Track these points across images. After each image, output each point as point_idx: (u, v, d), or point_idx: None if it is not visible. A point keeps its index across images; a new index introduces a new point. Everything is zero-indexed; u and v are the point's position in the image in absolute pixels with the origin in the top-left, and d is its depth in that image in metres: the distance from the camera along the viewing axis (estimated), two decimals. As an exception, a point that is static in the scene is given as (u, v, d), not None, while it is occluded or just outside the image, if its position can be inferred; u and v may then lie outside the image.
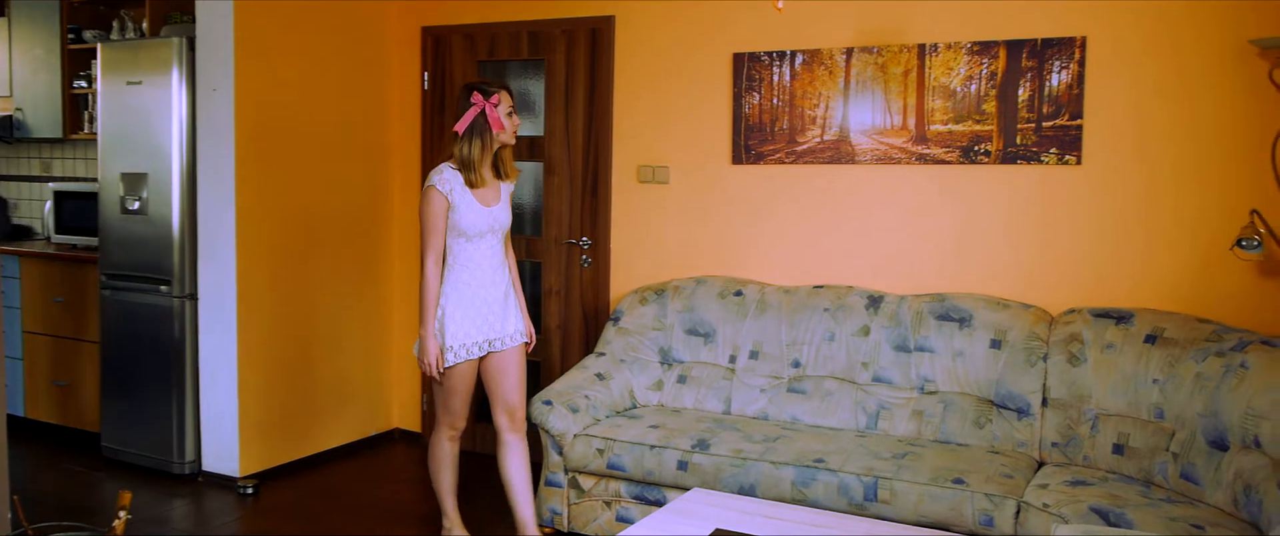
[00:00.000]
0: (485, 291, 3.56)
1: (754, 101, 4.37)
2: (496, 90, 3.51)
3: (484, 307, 3.56)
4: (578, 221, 4.79)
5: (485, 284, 3.57)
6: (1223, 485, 3.01)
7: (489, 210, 3.53)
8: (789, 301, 4.14)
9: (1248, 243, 3.36)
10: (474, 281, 3.54)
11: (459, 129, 3.48)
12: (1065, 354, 3.62)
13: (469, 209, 3.48)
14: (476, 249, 3.54)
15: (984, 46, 3.93)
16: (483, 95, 3.48)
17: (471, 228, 3.49)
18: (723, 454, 3.57)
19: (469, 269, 3.54)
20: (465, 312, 3.52)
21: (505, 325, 3.63)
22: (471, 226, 3.49)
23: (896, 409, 3.84)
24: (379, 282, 5.21)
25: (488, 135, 3.49)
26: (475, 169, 3.48)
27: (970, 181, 4.01)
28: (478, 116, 3.48)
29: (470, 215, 3.49)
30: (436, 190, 3.46)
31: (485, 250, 3.56)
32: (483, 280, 3.56)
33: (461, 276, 3.52)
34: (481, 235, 3.53)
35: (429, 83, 5.11)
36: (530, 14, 4.83)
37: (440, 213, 3.47)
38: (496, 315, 3.60)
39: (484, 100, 3.47)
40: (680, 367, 4.26)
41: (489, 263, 3.57)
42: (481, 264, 3.55)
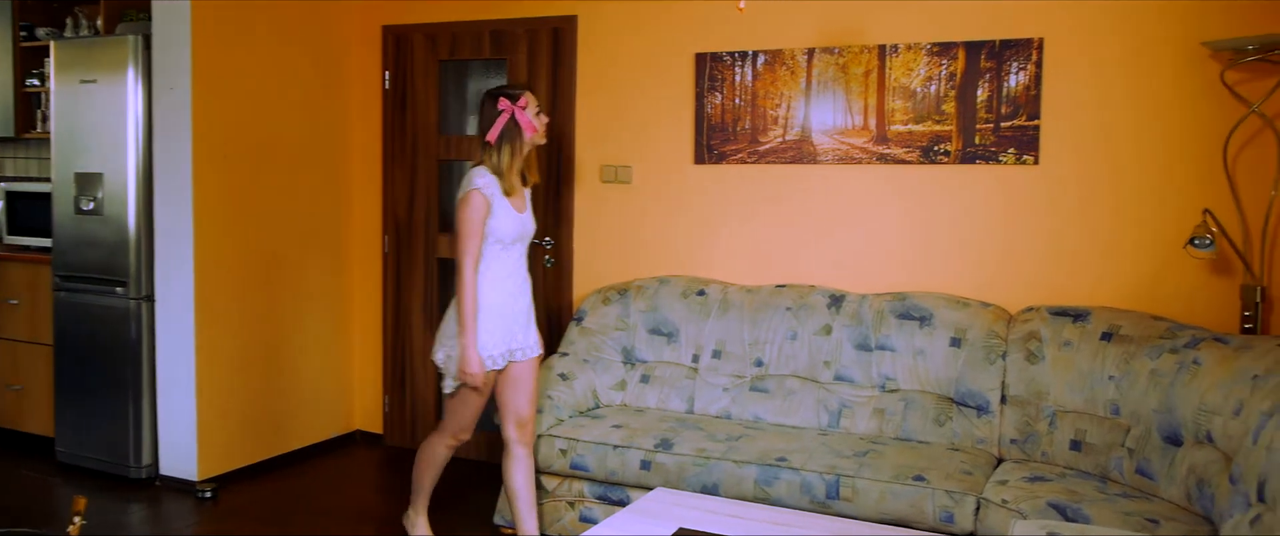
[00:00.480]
0: (514, 301, 3.51)
1: (716, 101, 4.38)
2: (521, 92, 3.47)
3: (511, 317, 3.50)
4: (541, 221, 4.77)
5: (514, 293, 3.51)
6: (1177, 480, 3.06)
7: (520, 217, 3.48)
8: (751, 301, 4.16)
9: (1200, 241, 3.42)
10: (504, 289, 3.47)
11: (491, 138, 3.42)
12: (1024, 351, 3.66)
13: (505, 215, 3.42)
14: (509, 256, 3.48)
15: (943, 47, 3.97)
16: (510, 100, 3.43)
17: (507, 234, 3.43)
18: (686, 453, 3.57)
19: (501, 277, 3.47)
20: (494, 321, 3.44)
21: (527, 335, 3.58)
22: (507, 233, 3.43)
23: (858, 407, 3.86)
24: (340, 283, 5.17)
25: (518, 140, 3.44)
26: (507, 176, 3.42)
27: (930, 181, 4.05)
28: (508, 122, 3.42)
29: (506, 221, 3.42)
30: (481, 194, 3.37)
31: (516, 258, 3.51)
32: (512, 289, 3.50)
33: (494, 284, 3.44)
34: (515, 242, 3.48)
35: (390, 82, 5.08)
36: (492, 13, 4.81)
37: (481, 217, 3.38)
38: (521, 325, 3.55)
39: (511, 105, 3.42)
40: (643, 367, 4.26)
41: (518, 271, 3.53)
42: (512, 272, 3.50)
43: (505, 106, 3.41)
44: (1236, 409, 2.87)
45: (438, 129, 5.00)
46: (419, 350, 5.09)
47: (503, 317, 3.46)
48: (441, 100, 5.01)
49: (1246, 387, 2.88)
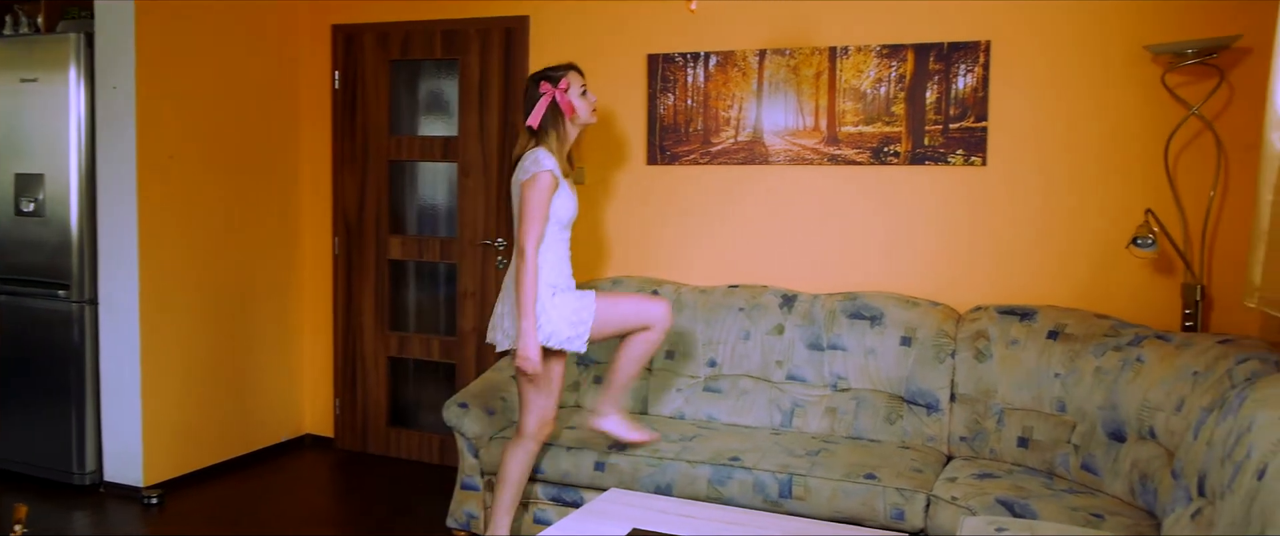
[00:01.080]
0: (571, 282, 3.49)
1: (669, 102, 4.39)
2: (564, 73, 3.42)
3: (573, 300, 3.45)
4: (493, 223, 4.76)
5: (570, 274, 3.49)
6: (1121, 475, 3.12)
7: (573, 196, 3.45)
8: (704, 301, 4.17)
9: (1142, 241, 3.48)
10: (563, 273, 3.44)
11: (533, 123, 3.39)
12: (972, 350, 3.71)
13: (566, 196, 3.40)
14: (565, 238, 3.46)
15: (893, 50, 4.01)
16: (550, 82, 3.39)
17: (567, 216, 3.41)
18: (639, 453, 3.58)
19: (561, 258, 3.44)
20: (563, 303, 3.39)
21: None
22: (567, 215, 3.41)
23: (810, 406, 3.89)
24: (290, 285, 5.11)
25: (562, 124, 3.41)
26: (559, 157, 3.39)
27: (880, 182, 4.09)
28: (550, 106, 3.38)
29: (567, 203, 3.40)
30: (553, 174, 3.32)
31: (567, 240, 3.48)
32: (569, 271, 3.48)
33: (555, 266, 3.41)
34: (569, 223, 3.45)
35: (340, 82, 5.03)
36: (444, 13, 4.78)
37: (547, 198, 3.32)
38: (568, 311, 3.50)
39: (552, 88, 3.38)
40: (596, 369, 4.26)
41: (568, 251, 3.50)
42: (567, 253, 3.47)
43: (546, 90, 3.38)
44: (1178, 405, 2.93)
45: (389, 129, 4.95)
46: (370, 352, 5.04)
47: (563, 301, 3.40)
48: (392, 100, 4.97)
49: (1187, 384, 2.94)
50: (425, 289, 5.07)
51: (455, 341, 4.87)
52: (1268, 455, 2.09)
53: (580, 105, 3.44)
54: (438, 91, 4.95)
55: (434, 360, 4.94)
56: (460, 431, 3.83)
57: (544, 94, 3.38)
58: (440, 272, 4.98)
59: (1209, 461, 2.47)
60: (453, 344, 4.88)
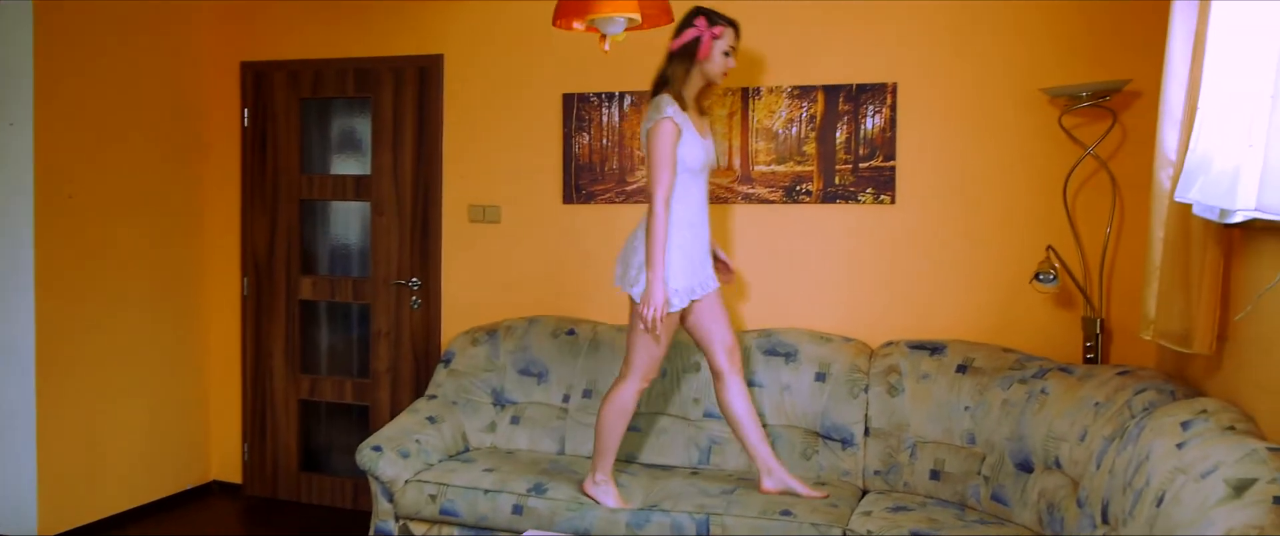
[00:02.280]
0: (702, 231, 3.43)
1: (584, 141, 4.41)
2: (724, 24, 3.37)
3: (700, 249, 3.42)
4: (407, 262, 4.71)
5: (702, 224, 3.42)
6: (1029, 505, 3.19)
7: (704, 142, 3.38)
8: (621, 339, 4.17)
9: (1044, 276, 3.60)
10: (696, 221, 3.39)
11: (674, 47, 3.36)
12: (885, 385, 3.77)
13: (693, 142, 3.32)
14: (696, 185, 3.39)
15: (804, 91, 4.10)
16: (707, 21, 3.34)
17: (696, 161, 3.34)
18: (559, 498, 3.55)
19: (691, 208, 3.37)
20: (688, 254, 3.36)
21: (707, 268, 3.50)
22: (695, 160, 3.33)
23: (728, 443, 3.91)
24: (196, 326, 4.97)
25: (692, 64, 3.36)
26: (682, 94, 3.34)
27: (794, 220, 4.15)
28: (693, 40, 3.33)
29: (694, 148, 3.33)
30: (673, 121, 3.27)
31: (702, 187, 3.42)
32: (701, 220, 3.41)
33: (684, 216, 3.35)
34: (701, 170, 3.38)
35: (249, 119, 4.94)
36: (356, 51, 4.74)
37: (673, 145, 3.27)
38: (706, 257, 3.49)
39: (707, 27, 3.33)
40: (513, 409, 4.23)
41: (704, 201, 3.43)
42: (700, 202, 3.41)
43: (699, 25, 3.33)
44: (1081, 435, 3.02)
45: (300, 168, 4.88)
46: (280, 394, 4.92)
47: (696, 250, 3.39)
48: (304, 138, 4.89)
49: (1090, 414, 3.04)
50: (338, 330, 4.98)
51: (369, 383, 4.78)
52: (1165, 483, 2.16)
53: (717, 58, 3.38)
54: (350, 130, 4.90)
55: (347, 402, 4.84)
56: (374, 475, 3.76)
57: (695, 27, 3.34)
58: (353, 313, 4.91)
59: (1111, 489, 2.55)
60: (366, 385, 4.79)
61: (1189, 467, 2.12)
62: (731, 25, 3.40)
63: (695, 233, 3.41)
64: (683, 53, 3.37)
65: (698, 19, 3.37)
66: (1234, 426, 2.27)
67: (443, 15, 4.60)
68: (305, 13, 4.82)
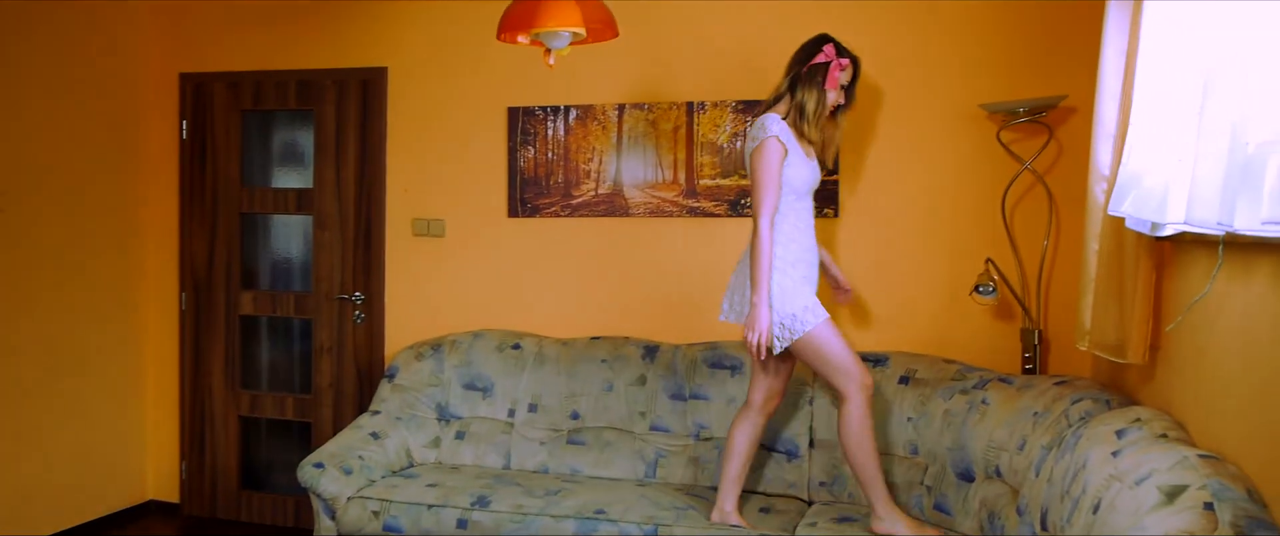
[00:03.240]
0: (813, 254, 3.33)
1: (529, 155, 4.40)
2: (850, 57, 3.30)
3: (813, 271, 3.32)
4: (350, 276, 4.66)
5: (812, 247, 3.32)
6: (971, 514, 3.23)
7: (812, 164, 3.30)
8: (567, 353, 4.16)
9: (984, 288, 3.66)
10: (803, 243, 3.28)
11: (804, 68, 3.27)
12: (828, 397, 3.80)
13: (801, 163, 3.24)
14: (805, 207, 3.30)
15: (747, 105, 4.13)
16: (836, 51, 3.26)
17: (803, 184, 3.25)
18: (503, 510, 3.53)
19: (800, 230, 3.28)
20: (806, 274, 3.27)
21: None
22: (803, 182, 3.25)
23: (674, 456, 3.91)
24: (132, 342, 4.86)
25: (813, 93, 3.25)
26: (811, 122, 3.25)
27: (738, 234, 4.18)
28: (822, 65, 3.25)
29: (802, 170, 3.24)
30: (778, 140, 3.17)
31: (809, 209, 3.33)
32: (810, 242, 3.31)
33: (793, 236, 3.25)
34: (809, 192, 3.31)
35: (188, 132, 4.86)
36: (299, 62, 4.69)
37: (778, 165, 3.17)
38: (816, 279, 3.37)
39: (835, 56, 3.25)
40: (458, 424, 4.19)
41: (811, 222, 3.34)
42: (808, 224, 3.31)
43: (829, 52, 3.26)
44: (1021, 444, 3.07)
45: (240, 181, 4.80)
46: (220, 411, 4.84)
47: (806, 278, 3.28)
48: (244, 151, 4.83)
49: (1028, 424, 3.09)
50: (279, 345, 4.90)
51: (311, 399, 4.72)
52: (1101, 490, 2.21)
53: (834, 91, 3.30)
54: (292, 142, 4.84)
55: (288, 419, 4.77)
56: (316, 492, 3.70)
57: (824, 54, 3.26)
58: (295, 328, 4.84)
59: (1050, 497, 2.59)
60: (308, 402, 4.73)
61: (1124, 475, 2.16)
62: (854, 61, 3.34)
63: (808, 257, 3.32)
64: (800, 81, 3.28)
65: (827, 46, 3.28)
66: (1166, 434, 2.32)
67: (387, 28, 4.57)
68: (246, 24, 4.76)
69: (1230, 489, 1.88)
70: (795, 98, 3.28)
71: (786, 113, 3.29)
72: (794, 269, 3.24)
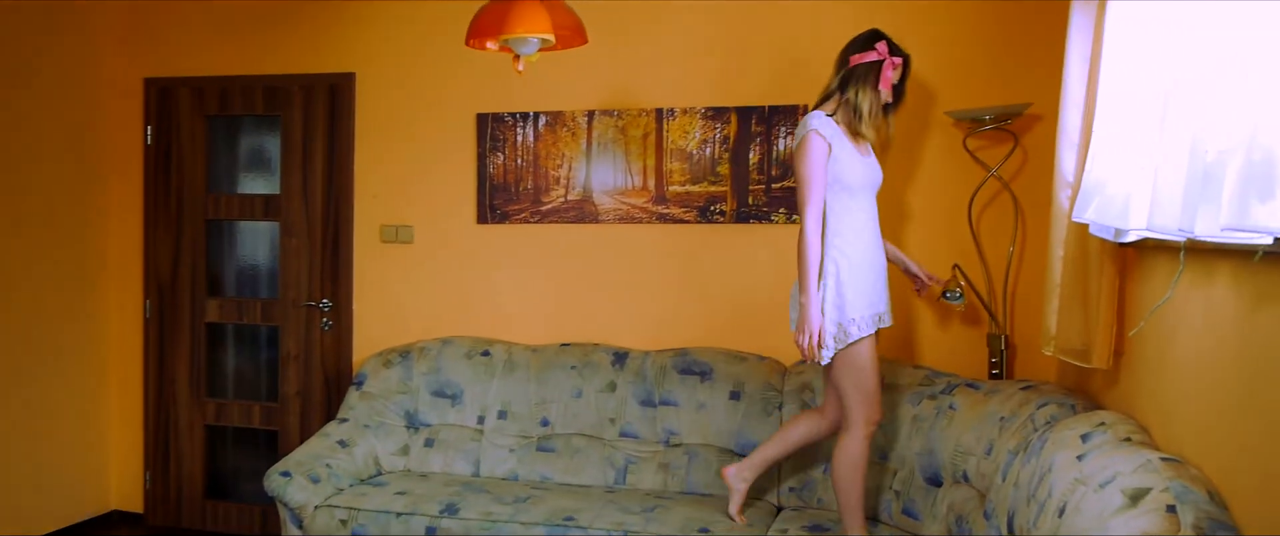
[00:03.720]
0: (874, 255, 3.21)
1: (499, 161, 4.39)
2: (902, 56, 3.21)
3: (874, 273, 3.19)
4: (318, 283, 4.62)
5: (873, 247, 3.20)
6: (938, 518, 3.26)
7: (866, 159, 3.20)
8: (536, 360, 4.15)
9: (951, 294, 3.69)
10: (864, 243, 3.17)
11: (855, 62, 3.15)
12: (798, 402, 3.82)
13: (850, 158, 3.14)
14: (861, 206, 3.18)
15: (717, 112, 4.14)
16: (889, 49, 3.15)
17: (854, 179, 3.14)
18: (472, 517, 3.51)
19: (856, 229, 3.16)
20: (863, 277, 3.13)
21: (886, 299, 3.27)
22: (854, 177, 3.14)
23: (644, 462, 3.91)
24: (95, 351, 4.80)
25: (876, 92, 3.15)
26: (867, 121, 3.15)
27: (708, 240, 4.19)
28: (873, 62, 3.15)
29: (851, 164, 3.13)
30: (819, 135, 3.08)
31: (868, 208, 3.21)
32: (871, 242, 3.19)
33: (850, 237, 3.14)
34: (864, 190, 3.18)
35: (153, 137, 4.81)
36: (265, 68, 4.65)
37: (821, 161, 3.08)
38: (883, 284, 3.24)
39: (887, 55, 3.14)
40: (427, 431, 4.17)
41: (873, 223, 3.22)
42: (867, 224, 3.19)
43: (881, 50, 3.15)
44: (987, 449, 3.09)
45: (206, 187, 4.76)
46: (185, 420, 4.78)
47: (870, 273, 3.16)
48: (210, 157, 4.78)
49: (995, 429, 3.11)
50: (245, 353, 4.86)
51: (277, 407, 4.68)
52: (1066, 494, 2.23)
53: (885, 88, 3.19)
54: (259, 148, 4.80)
55: (255, 427, 4.73)
56: (283, 501, 3.67)
57: (876, 51, 3.16)
58: (262, 335, 4.79)
59: (1016, 501, 2.61)
60: (275, 409, 4.69)
61: (1088, 478, 2.18)
62: (907, 59, 3.26)
63: (869, 255, 3.20)
64: (866, 73, 3.17)
65: (880, 43, 3.18)
66: (1130, 438, 2.35)
67: (354, 33, 4.55)
68: (212, 29, 4.72)
69: (1192, 491, 1.91)
70: (846, 95, 3.18)
71: (834, 110, 3.21)
72: (858, 272, 3.15)
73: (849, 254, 3.14)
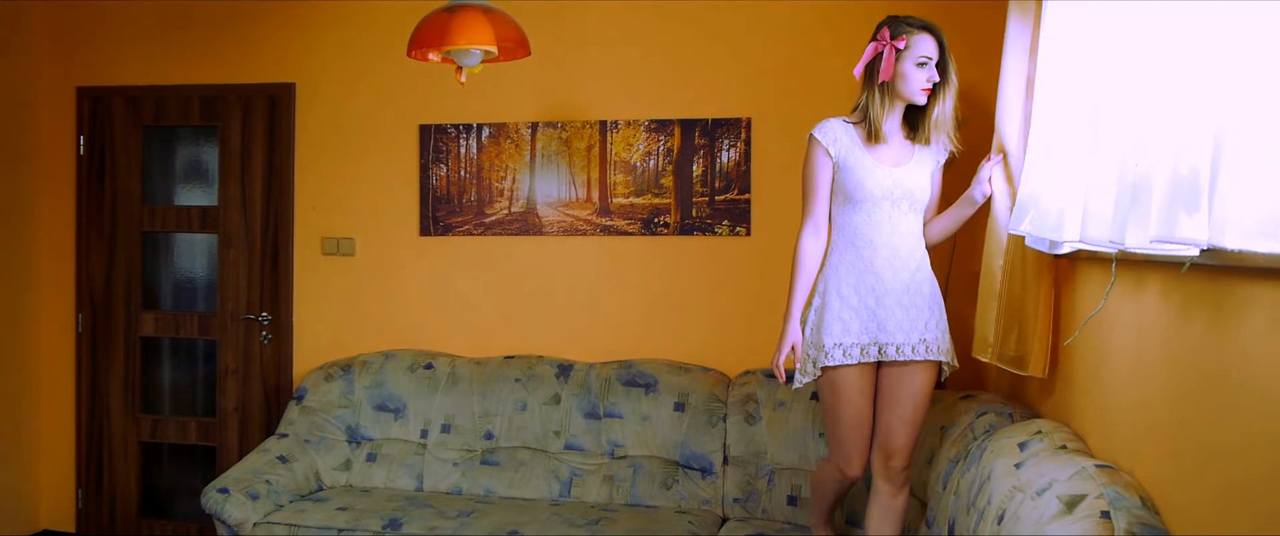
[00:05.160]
0: (878, 277, 2.81)
1: (442, 173, 4.36)
2: (912, 32, 2.78)
3: (874, 297, 2.81)
4: (257, 296, 4.55)
5: (879, 266, 2.81)
6: (881, 527, 3.29)
7: (886, 169, 2.82)
8: (480, 373, 4.13)
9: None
10: (862, 261, 2.82)
11: (856, 72, 2.86)
12: (742, 413, 3.84)
13: (859, 166, 2.81)
14: (868, 219, 2.82)
15: (660, 124, 4.16)
16: (891, 33, 2.79)
17: (857, 190, 2.81)
18: (416, 532, 3.48)
19: (856, 245, 2.83)
20: (847, 301, 2.80)
21: (908, 328, 2.82)
22: (856, 188, 2.81)
23: (588, 475, 3.91)
24: (23, 365, 4.67)
25: (878, 89, 2.81)
26: (874, 125, 2.81)
27: (652, 252, 4.20)
28: (872, 59, 2.81)
29: (860, 174, 2.81)
30: (817, 143, 2.84)
31: (881, 221, 2.82)
32: (875, 261, 2.81)
33: (844, 254, 2.84)
34: (876, 201, 2.81)
35: (86, 147, 4.70)
36: (202, 77, 4.58)
37: (819, 171, 2.84)
38: (895, 311, 2.81)
39: (888, 41, 2.78)
40: (369, 445, 4.12)
41: (887, 238, 2.82)
42: (873, 239, 2.82)
43: (882, 39, 2.80)
44: (929, 458, 3.13)
45: (141, 198, 4.67)
46: (119, 436, 4.67)
47: (862, 296, 2.81)
48: (145, 168, 4.69)
49: (936, 438, 3.16)
50: (182, 367, 4.77)
51: (215, 422, 4.59)
52: (1004, 501, 2.26)
53: (911, 74, 2.79)
54: (196, 159, 4.72)
55: (192, 443, 4.64)
56: (221, 518, 3.61)
57: (876, 41, 2.82)
58: (199, 349, 4.71)
59: (956, 510, 2.65)
60: (212, 425, 4.60)
61: (1026, 486, 2.22)
62: (926, 29, 2.81)
63: (866, 277, 2.84)
64: (869, 72, 2.86)
65: (882, 31, 2.84)
66: (1066, 445, 2.39)
67: (294, 43, 4.50)
68: (147, 37, 4.64)
69: (1125, 497, 1.95)
70: (859, 101, 2.92)
71: (856, 116, 2.93)
72: (843, 295, 2.86)
73: (840, 272, 2.87)
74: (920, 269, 2.87)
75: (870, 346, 2.82)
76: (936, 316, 2.87)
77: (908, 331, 2.82)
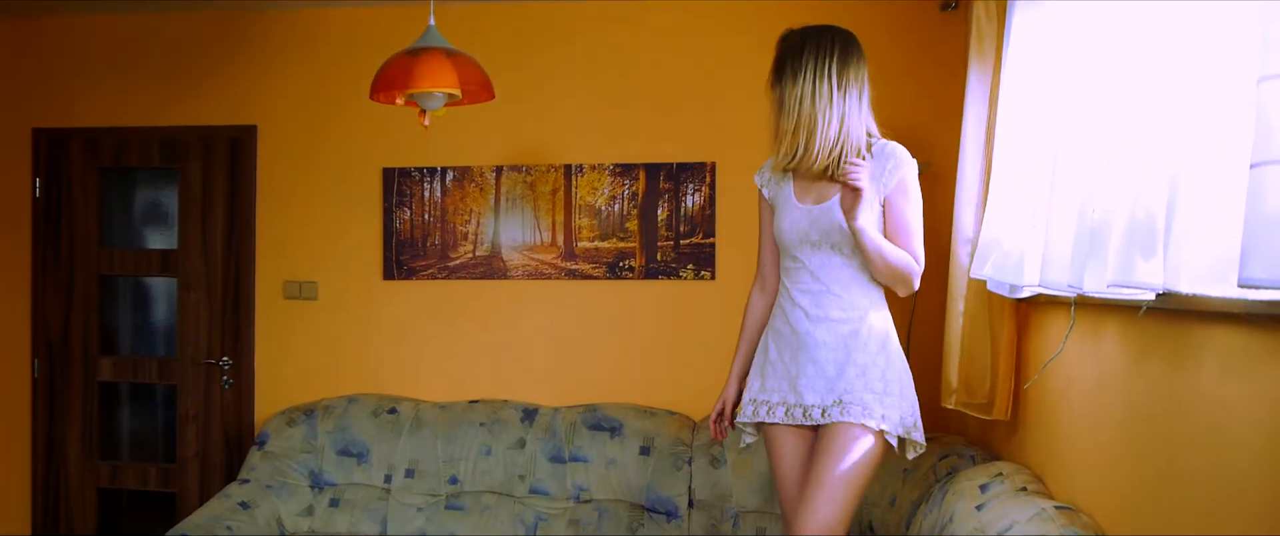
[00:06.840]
0: (794, 329, 2.52)
1: (405, 216, 4.35)
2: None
3: (790, 352, 2.53)
4: (218, 340, 4.50)
5: (796, 318, 2.52)
6: (846, 570, 3.29)
7: (810, 208, 2.52)
8: (444, 417, 4.10)
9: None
10: (780, 313, 2.57)
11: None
12: (707, 457, 3.83)
13: (782, 209, 2.57)
14: (789, 266, 2.57)
15: (625, 169, 4.18)
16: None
17: (778, 234, 2.58)
18: (378, 580, 3.43)
19: (780, 296, 2.60)
20: (768, 355, 2.59)
21: (823, 388, 2.48)
22: (779, 232, 2.58)
23: (554, 519, 3.88)
24: (-24, 414, 4.58)
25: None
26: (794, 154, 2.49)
27: (617, 296, 4.21)
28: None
29: (779, 215, 2.58)
30: (758, 187, 2.66)
31: (797, 269, 2.55)
32: (792, 313, 2.53)
33: (776, 306, 2.61)
34: (796, 244, 2.54)
35: (41, 190, 4.64)
36: (162, 119, 4.55)
37: (762, 216, 2.68)
38: (808, 368, 2.50)
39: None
40: (332, 491, 4.07)
41: (807, 287, 2.51)
42: (791, 288, 2.55)
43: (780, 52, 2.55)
44: (892, 500, 3.15)
45: (99, 241, 4.61)
46: (76, 483, 4.58)
47: (782, 353, 2.55)
48: (103, 211, 4.64)
49: (898, 481, 3.17)
50: (142, 413, 4.69)
51: (175, 469, 4.51)
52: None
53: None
54: (156, 202, 4.68)
55: (152, 490, 4.55)
56: (178, 568, 3.54)
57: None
58: (159, 394, 4.64)
59: (921, 552, 2.66)
60: (172, 471, 4.52)
61: (986, 527, 2.24)
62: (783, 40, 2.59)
63: (779, 331, 2.60)
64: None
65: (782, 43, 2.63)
66: (1026, 487, 2.42)
67: (256, 85, 4.48)
68: (106, 78, 4.60)
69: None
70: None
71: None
72: (764, 348, 2.65)
73: (772, 325, 2.65)
74: (854, 322, 2.49)
75: (794, 408, 2.53)
76: (871, 377, 2.46)
77: (823, 392, 2.48)
